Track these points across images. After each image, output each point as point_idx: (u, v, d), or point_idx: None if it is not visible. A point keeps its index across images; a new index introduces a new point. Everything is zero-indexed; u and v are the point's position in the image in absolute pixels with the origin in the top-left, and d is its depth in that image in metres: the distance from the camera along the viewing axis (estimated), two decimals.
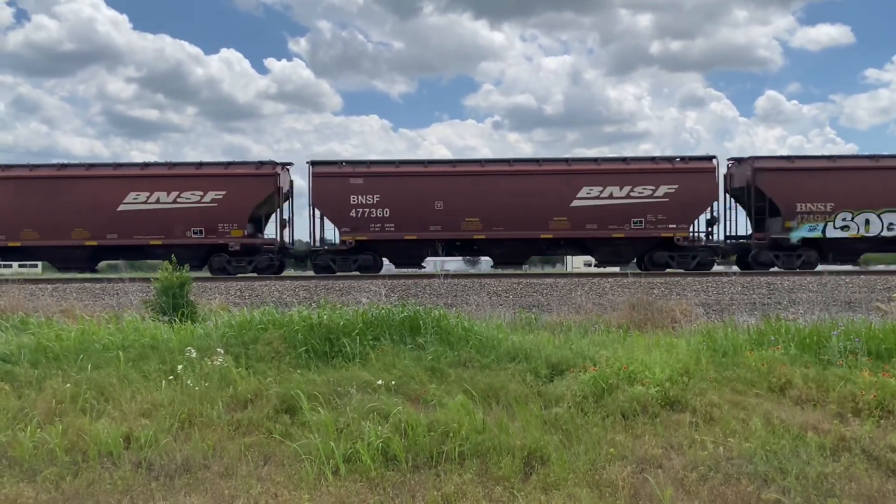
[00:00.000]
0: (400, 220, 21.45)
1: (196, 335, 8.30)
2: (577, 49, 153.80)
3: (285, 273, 23.31)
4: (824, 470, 4.80)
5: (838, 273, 18.15)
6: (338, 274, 21.24)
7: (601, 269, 23.11)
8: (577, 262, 47.60)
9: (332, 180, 21.68)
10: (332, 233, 22.42)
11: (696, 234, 21.88)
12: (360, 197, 21.54)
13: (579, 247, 22.59)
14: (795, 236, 21.04)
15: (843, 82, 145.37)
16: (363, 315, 8.39)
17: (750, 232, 22.32)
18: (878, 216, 21.00)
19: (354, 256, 21.73)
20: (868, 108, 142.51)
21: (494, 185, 21.46)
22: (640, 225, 21.36)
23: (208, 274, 21.39)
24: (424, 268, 22.78)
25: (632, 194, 21.33)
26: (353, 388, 6.41)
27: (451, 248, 22.55)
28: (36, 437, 5.62)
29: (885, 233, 20.92)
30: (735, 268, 22.71)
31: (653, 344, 8.64)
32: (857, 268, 21.33)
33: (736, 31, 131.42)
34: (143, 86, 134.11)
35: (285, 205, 22.94)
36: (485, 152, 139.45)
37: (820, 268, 20.54)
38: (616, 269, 23.62)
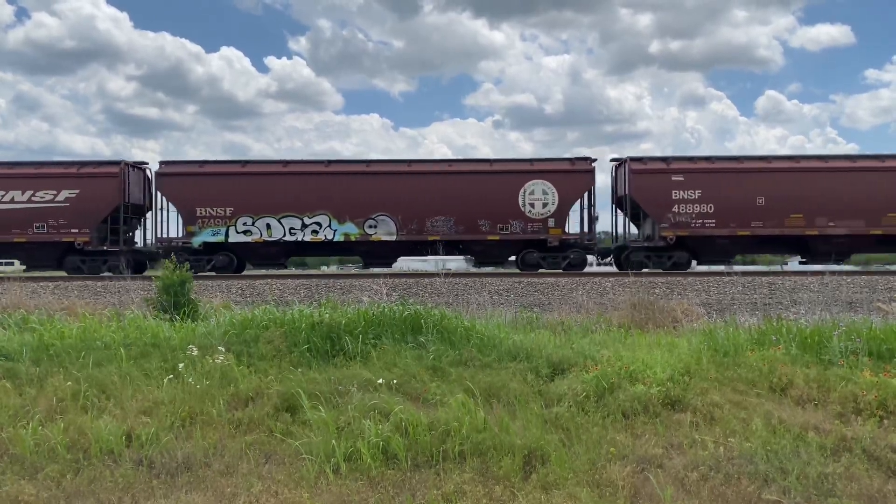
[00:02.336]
0: None
1: (198, 333, 8.31)
2: (577, 48, 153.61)
3: (284, 271, 23.29)
4: (825, 470, 4.79)
5: (840, 273, 18.13)
6: (336, 273, 21.25)
7: (603, 269, 23.12)
8: None
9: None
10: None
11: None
12: None
13: None
14: (197, 241, 21.13)
15: (844, 82, 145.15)
16: (365, 314, 8.39)
17: None
18: (279, 220, 21.26)
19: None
20: (869, 109, 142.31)
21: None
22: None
23: (208, 272, 21.42)
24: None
25: None
26: (354, 387, 6.42)
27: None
28: (37, 435, 5.63)
29: (288, 237, 21.25)
30: (735, 267, 22.65)
31: (654, 343, 8.64)
32: (857, 268, 21.30)
33: (736, 30, 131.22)
34: (144, 84, 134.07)
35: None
36: (485, 151, 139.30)
37: (818, 267, 20.46)
38: (613, 269, 23.61)
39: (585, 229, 21.87)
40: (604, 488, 4.74)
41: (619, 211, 22.63)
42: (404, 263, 24.00)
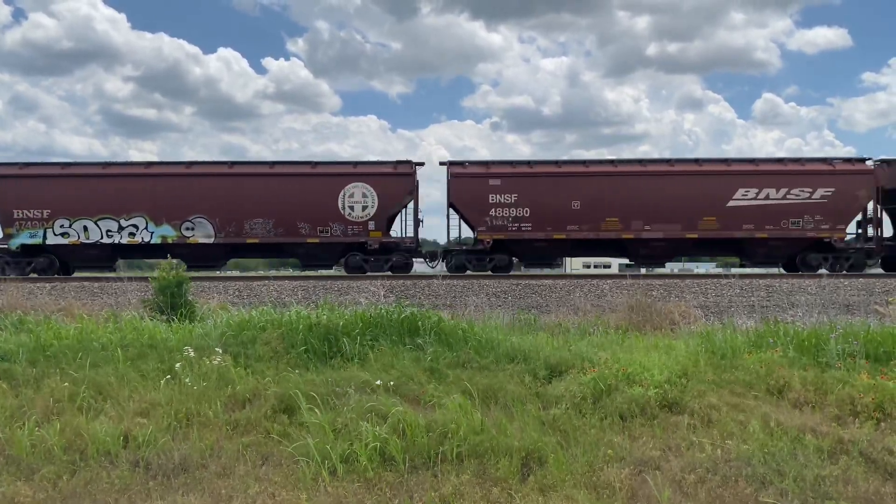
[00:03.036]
0: None
1: (195, 334, 8.30)
2: (575, 51, 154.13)
3: (283, 273, 23.28)
4: (822, 472, 4.80)
5: (837, 276, 18.15)
6: (334, 274, 21.26)
7: (599, 271, 23.14)
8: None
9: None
10: None
11: None
12: None
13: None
14: (14, 243, 21.07)
15: (841, 85, 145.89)
16: (362, 315, 8.39)
17: None
18: (96, 223, 21.18)
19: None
20: (866, 112, 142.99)
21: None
22: None
23: (209, 273, 21.42)
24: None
25: None
26: (351, 389, 6.41)
27: None
28: (34, 436, 5.61)
29: (105, 239, 21.15)
30: (732, 269, 22.68)
31: (651, 346, 8.65)
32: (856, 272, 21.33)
33: (734, 33, 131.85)
34: (141, 85, 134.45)
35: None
36: (483, 153, 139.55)
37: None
38: (615, 271, 23.62)
39: (409, 233, 21.81)
40: (601, 490, 4.74)
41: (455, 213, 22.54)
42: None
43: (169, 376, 6.82)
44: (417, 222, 21.79)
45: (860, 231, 21.47)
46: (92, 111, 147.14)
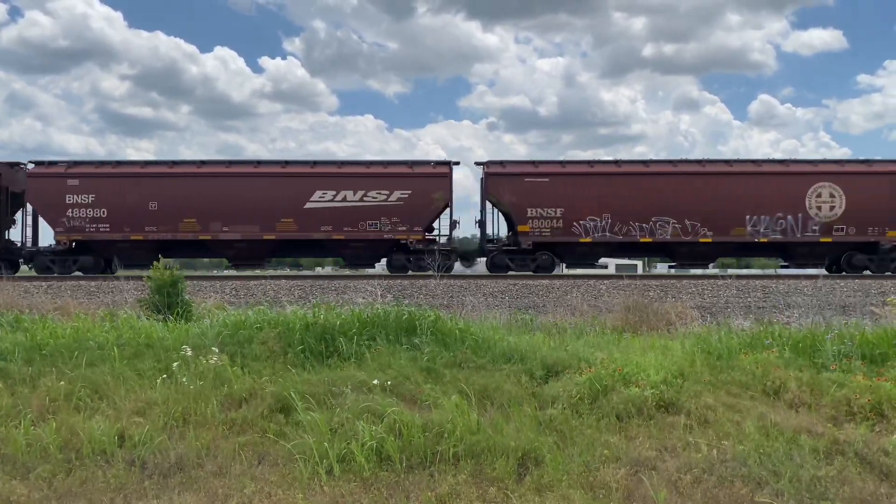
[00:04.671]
0: None
1: (191, 334, 8.28)
2: (571, 51, 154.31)
3: (282, 272, 23.27)
4: (818, 473, 4.81)
5: (833, 277, 18.19)
6: (331, 274, 21.25)
7: (598, 271, 23.13)
8: None
9: None
10: None
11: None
12: None
13: None
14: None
15: (837, 87, 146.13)
16: (359, 315, 8.38)
17: None
18: None
19: None
20: (862, 113, 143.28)
21: None
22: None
23: (205, 272, 21.39)
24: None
25: None
26: (348, 388, 6.40)
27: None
28: (29, 435, 5.60)
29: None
30: (729, 270, 22.72)
31: (648, 346, 8.65)
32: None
33: (730, 34, 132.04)
34: (137, 83, 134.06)
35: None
36: (480, 153, 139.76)
37: (811, 272, 20.54)
38: (612, 271, 23.58)
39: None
40: (597, 490, 4.74)
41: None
42: None
43: (165, 375, 6.80)
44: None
45: (447, 232, 21.82)
46: (88, 109, 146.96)
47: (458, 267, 21.99)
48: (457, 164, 21.81)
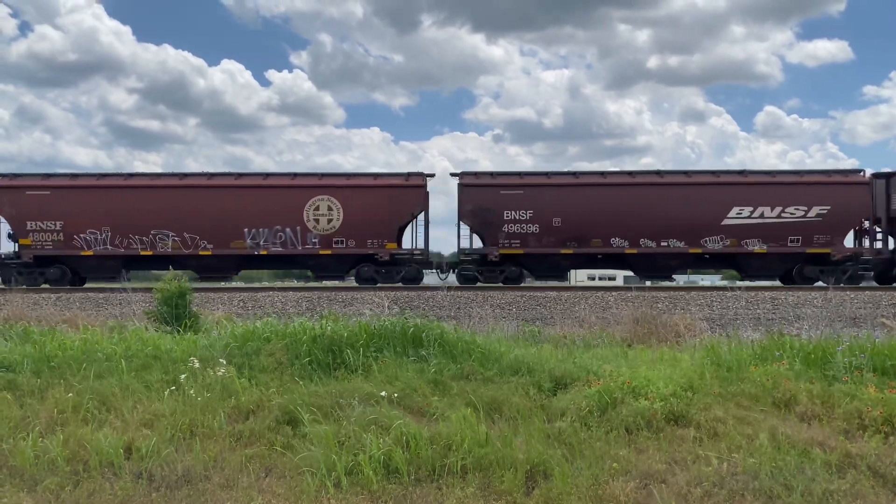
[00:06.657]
0: None
1: (199, 345, 8.29)
2: (576, 63, 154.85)
3: (288, 284, 23.28)
4: (830, 486, 4.75)
5: (843, 289, 18.07)
6: (339, 286, 21.30)
7: (604, 283, 23.06)
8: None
9: None
10: None
11: None
12: None
13: None
14: None
15: (843, 98, 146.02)
16: (366, 327, 8.38)
17: None
18: None
19: None
20: (868, 125, 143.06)
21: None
22: None
23: (214, 284, 21.41)
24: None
25: None
26: (355, 400, 6.39)
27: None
28: (37, 447, 5.60)
29: None
30: (738, 282, 22.58)
31: (657, 358, 8.60)
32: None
33: (734, 46, 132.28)
34: (145, 97, 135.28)
35: None
36: (485, 164, 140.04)
37: (820, 284, 20.37)
38: (620, 283, 23.53)
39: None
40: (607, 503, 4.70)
41: None
42: None
43: (173, 387, 6.81)
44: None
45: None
46: (96, 122, 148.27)
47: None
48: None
